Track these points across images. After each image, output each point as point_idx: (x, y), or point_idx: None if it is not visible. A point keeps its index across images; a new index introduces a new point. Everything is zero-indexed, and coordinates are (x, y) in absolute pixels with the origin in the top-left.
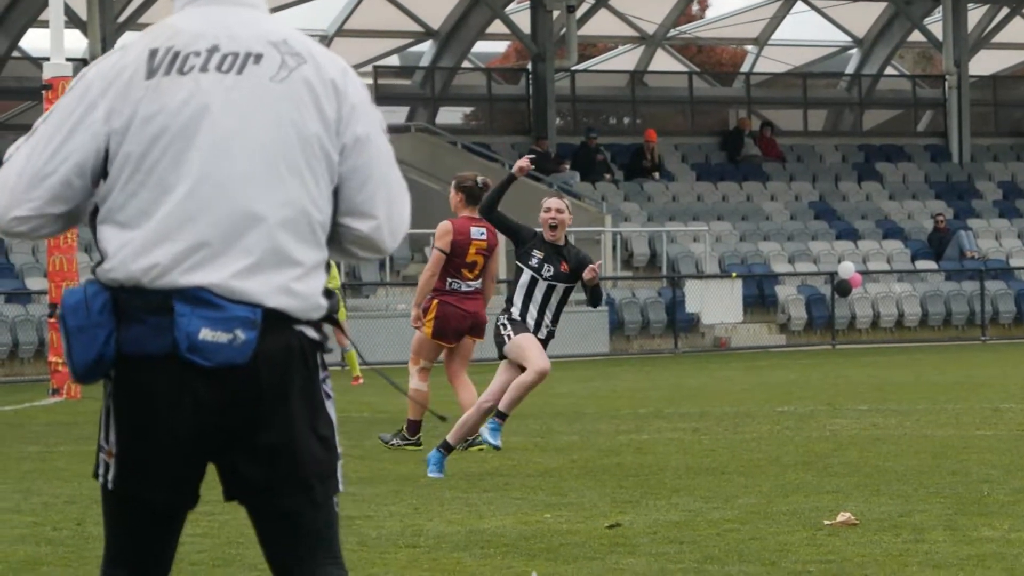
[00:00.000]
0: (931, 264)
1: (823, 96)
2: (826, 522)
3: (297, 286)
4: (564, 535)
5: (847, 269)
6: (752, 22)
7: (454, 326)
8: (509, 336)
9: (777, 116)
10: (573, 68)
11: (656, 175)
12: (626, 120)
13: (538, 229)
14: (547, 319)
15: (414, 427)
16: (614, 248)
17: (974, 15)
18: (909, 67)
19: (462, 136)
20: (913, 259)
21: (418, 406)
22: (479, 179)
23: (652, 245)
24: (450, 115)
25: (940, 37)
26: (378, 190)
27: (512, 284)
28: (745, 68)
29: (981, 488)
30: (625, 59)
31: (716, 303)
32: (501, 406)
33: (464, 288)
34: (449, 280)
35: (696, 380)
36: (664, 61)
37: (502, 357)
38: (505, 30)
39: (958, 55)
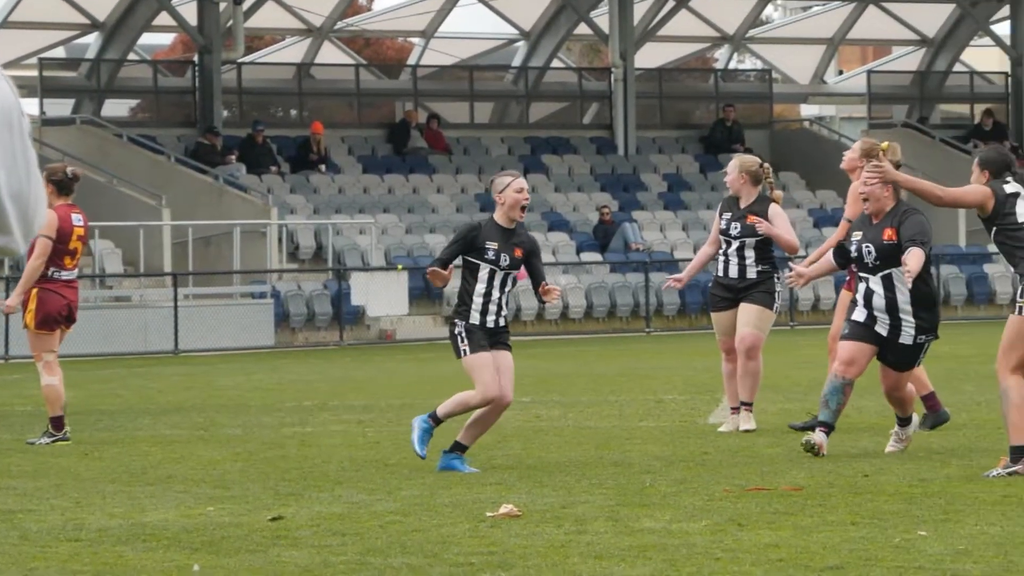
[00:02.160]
0: (596, 256)
1: (490, 89)
2: (488, 514)
3: None
4: (227, 528)
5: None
6: (419, 15)
7: (55, 313)
8: (465, 351)
9: (444, 109)
10: (240, 60)
11: (322, 168)
12: (293, 112)
13: (481, 219)
14: (503, 304)
15: (57, 422)
16: (280, 241)
17: (640, 8)
18: (576, 60)
19: (128, 128)
20: (578, 251)
21: (56, 401)
22: (69, 170)
23: (318, 237)
24: (116, 107)
25: (607, 30)
26: (15, 207)
27: (465, 282)
28: (412, 61)
29: (643, 479)
30: (292, 51)
31: (382, 295)
32: (439, 410)
33: (64, 276)
34: (52, 269)
35: (362, 372)
36: (331, 53)
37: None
38: (172, 22)
39: (624, 48)
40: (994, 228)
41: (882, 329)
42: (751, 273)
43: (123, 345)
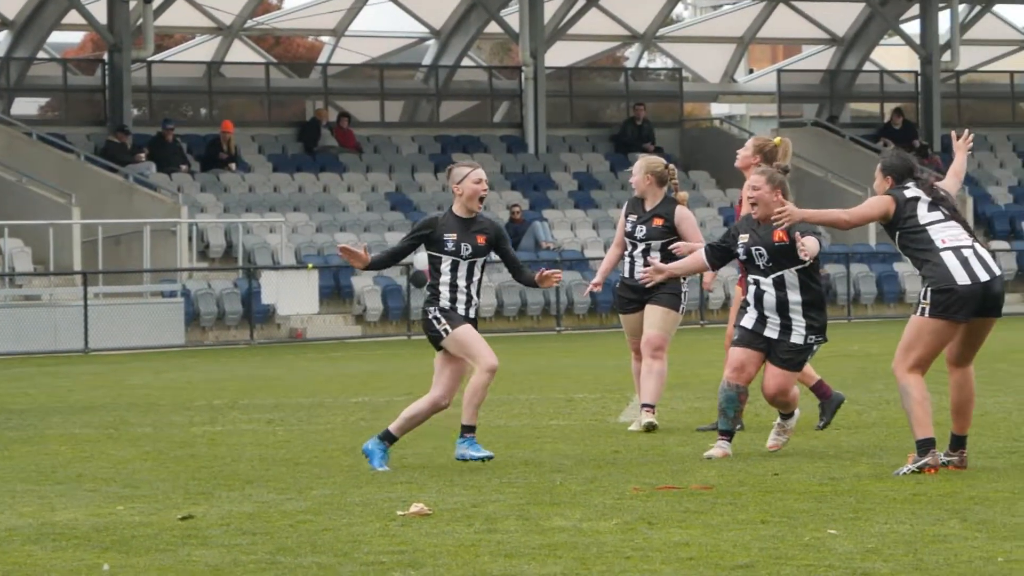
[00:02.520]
0: None
1: (400, 87)
2: (399, 512)
3: None
4: (136, 527)
5: (423, 260)
6: (329, 13)
7: None
8: (447, 331)
9: (354, 107)
10: (150, 59)
11: (232, 166)
12: (203, 111)
13: (437, 212)
14: (473, 293)
15: None
16: (190, 239)
17: (550, 7)
18: (486, 58)
19: (38, 127)
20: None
21: None
22: None
23: (228, 236)
24: (25, 106)
25: (517, 28)
26: None
27: (432, 273)
28: (322, 59)
29: (553, 478)
30: (202, 50)
31: (292, 294)
32: (466, 420)
33: None
34: None
35: (272, 371)
36: (241, 52)
37: (438, 349)
38: (81, 20)
39: (534, 47)
40: (897, 232)
41: (772, 332)
42: None
43: (33, 344)
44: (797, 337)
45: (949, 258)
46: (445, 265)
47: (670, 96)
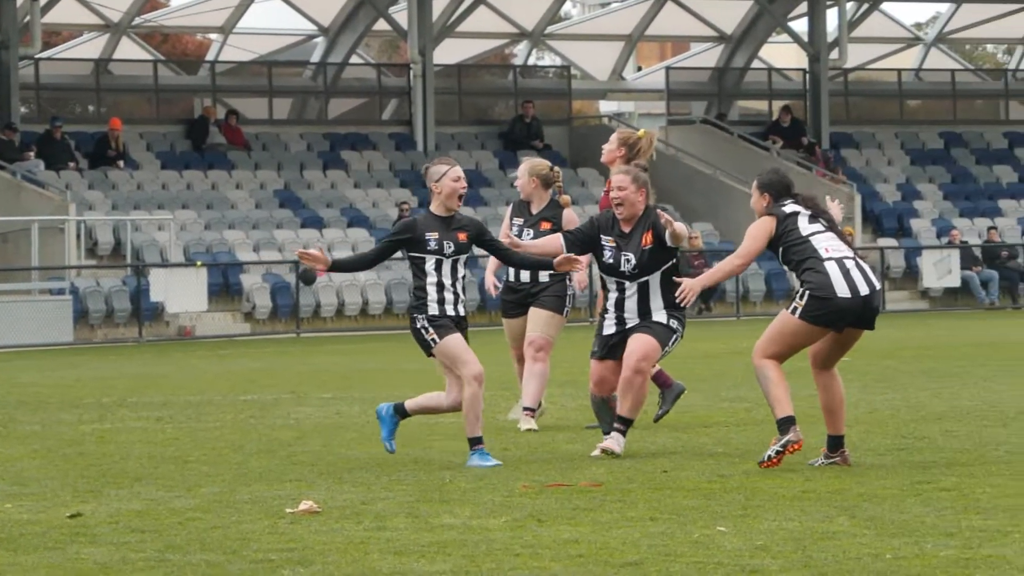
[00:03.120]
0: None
1: (288, 85)
2: (288, 510)
3: None
4: (24, 525)
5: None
6: (217, 10)
7: None
8: (435, 341)
9: (242, 104)
10: (37, 56)
11: (121, 163)
12: (91, 108)
13: (415, 215)
14: (459, 291)
15: None
16: (78, 237)
17: (439, 4)
18: (375, 56)
19: None
20: None
21: None
22: None
23: (117, 234)
24: None
25: (406, 26)
26: None
27: (416, 279)
28: (210, 57)
29: (443, 475)
30: (90, 47)
31: (181, 292)
32: (471, 433)
33: None
34: None
35: (161, 369)
36: (129, 49)
37: (429, 355)
38: None
39: (423, 44)
40: (781, 248)
41: (632, 322)
42: (544, 276)
43: None
44: (660, 317)
45: (832, 268)
46: (429, 265)
47: (559, 94)
